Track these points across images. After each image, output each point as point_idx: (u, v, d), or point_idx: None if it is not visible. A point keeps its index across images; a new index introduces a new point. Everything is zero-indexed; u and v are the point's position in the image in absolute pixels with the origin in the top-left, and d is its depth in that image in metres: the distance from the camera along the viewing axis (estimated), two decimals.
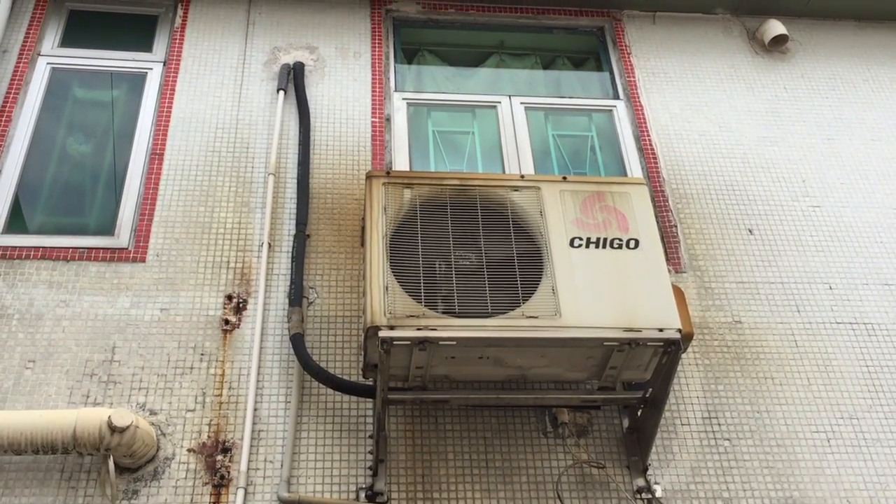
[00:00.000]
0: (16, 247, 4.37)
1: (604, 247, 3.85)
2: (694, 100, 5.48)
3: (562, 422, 4.06)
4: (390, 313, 3.55)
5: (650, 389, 3.83)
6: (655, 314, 3.65)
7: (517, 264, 3.73)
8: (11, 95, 4.96)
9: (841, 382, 4.36)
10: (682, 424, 4.16)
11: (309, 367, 3.98)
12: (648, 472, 3.98)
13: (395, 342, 3.48)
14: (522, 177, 4.05)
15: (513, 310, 3.61)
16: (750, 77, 5.65)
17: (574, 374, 3.86)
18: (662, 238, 4.78)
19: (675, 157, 5.17)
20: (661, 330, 3.60)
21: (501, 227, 3.85)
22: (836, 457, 4.12)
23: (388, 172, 3.97)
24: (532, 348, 3.62)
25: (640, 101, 5.42)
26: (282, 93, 5.09)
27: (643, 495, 3.92)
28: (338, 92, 5.22)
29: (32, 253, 4.35)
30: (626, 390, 4.00)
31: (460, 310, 3.59)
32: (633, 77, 5.55)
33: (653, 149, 5.18)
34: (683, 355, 4.35)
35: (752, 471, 4.04)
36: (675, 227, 4.85)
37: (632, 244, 3.87)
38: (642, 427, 3.97)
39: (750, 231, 4.89)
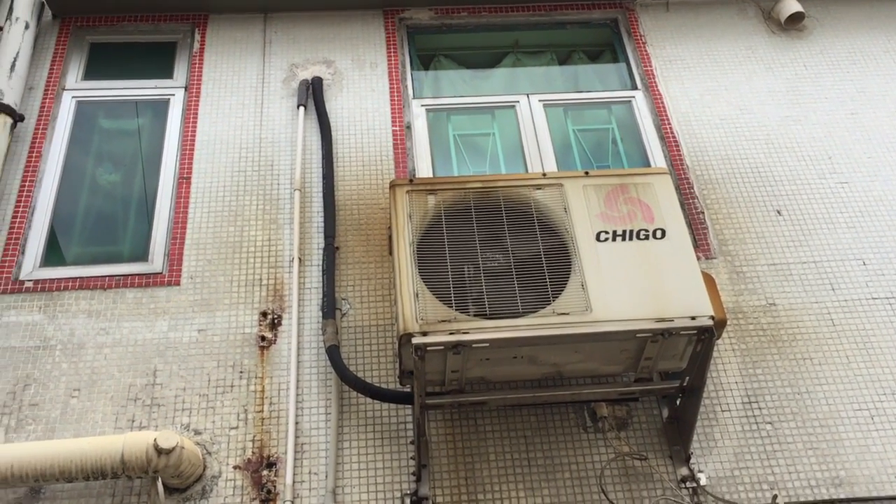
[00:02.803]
0: (54, 279, 4.43)
1: (630, 239, 3.81)
2: (713, 84, 5.42)
3: (601, 416, 4.03)
4: (422, 319, 3.54)
5: (687, 378, 3.80)
6: (687, 303, 3.61)
7: (545, 262, 3.71)
8: (40, 131, 5.03)
9: (881, 358, 4.28)
10: (723, 411, 4.10)
11: (346, 377, 3.99)
12: (691, 461, 3.94)
13: (428, 348, 3.48)
14: (544, 175, 4.02)
15: (543, 308, 3.59)
16: (768, 57, 5.58)
17: (610, 368, 3.83)
18: (690, 225, 4.74)
19: (697, 143, 5.11)
20: (693, 318, 3.56)
21: (527, 227, 3.83)
22: (880, 434, 4.04)
23: (411, 180, 3.97)
24: (565, 345, 3.60)
25: (658, 90, 5.37)
26: (302, 109, 5.11)
27: (687, 484, 3.88)
28: (357, 103, 5.23)
29: (70, 284, 4.40)
30: (663, 380, 3.95)
31: (491, 311, 3.57)
32: (650, 66, 5.50)
33: (674, 136, 5.13)
34: (719, 341, 4.30)
35: (797, 453, 3.98)
36: (703, 213, 4.79)
37: (658, 234, 3.83)
38: (682, 416, 3.93)
39: (778, 212, 4.82)
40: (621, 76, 5.61)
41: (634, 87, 5.45)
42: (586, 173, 4.04)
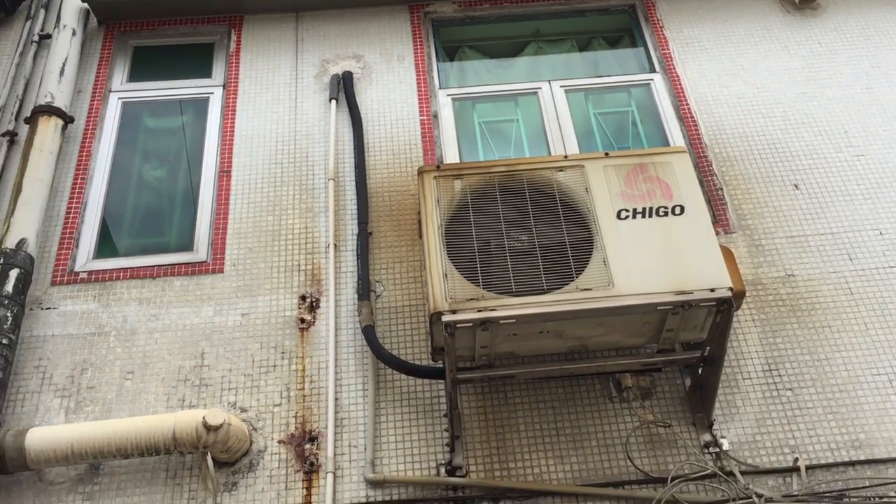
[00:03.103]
0: (106, 269, 4.61)
1: (650, 216, 3.89)
2: (729, 64, 5.46)
3: (625, 386, 4.13)
4: (451, 298, 3.66)
5: (707, 348, 3.87)
6: (706, 275, 3.69)
7: (568, 241, 3.81)
8: (89, 132, 5.21)
9: None
10: (744, 379, 4.18)
11: (381, 355, 4.12)
12: (714, 427, 4.02)
13: (458, 325, 3.59)
14: (566, 157, 4.11)
15: (567, 284, 3.69)
16: (783, 36, 5.60)
17: (633, 340, 3.92)
18: (709, 201, 4.80)
19: (715, 122, 5.17)
20: (712, 290, 3.63)
21: (550, 207, 3.93)
22: None
23: (438, 166, 4.08)
24: (589, 319, 3.69)
25: (676, 72, 5.42)
26: (333, 102, 5.24)
27: (710, 449, 3.96)
28: (385, 95, 5.35)
29: (121, 274, 4.58)
30: (686, 351, 4.03)
31: (517, 289, 3.68)
32: (668, 49, 5.55)
33: (693, 116, 5.19)
34: (739, 312, 4.37)
35: (817, 417, 4.04)
36: (721, 189, 4.85)
37: (677, 210, 3.91)
38: (704, 384, 4.01)
39: (796, 186, 4.86)
40: (640, 60, 5.67)
41: (653, 70, 5.51)
42: (606, 154, 4.11)
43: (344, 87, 5.33)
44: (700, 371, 4.01)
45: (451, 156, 5.04)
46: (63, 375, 4.24)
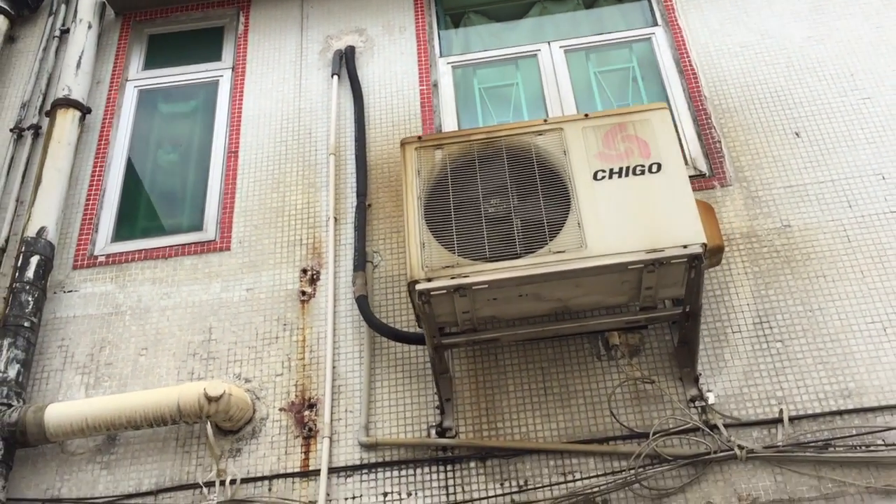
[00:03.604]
0: (122, 252, 4.85)
1: (626, 175, 3.88)
2: (734, 12, 5.33)
3: (613, 344, 4.16)
4: (427, 267, 3.74)
5: (688, 304, 3.87)
6: (679, 232, 3.67)
7: (543, 204, 3.84)
8: (107, 120, 5.45)
9: None
10: (734, 332, 4.16)
11: (372, 323, 4.26)
12: (701, 381, 4.03)
13: (432, 293, 3.68)
14: (545, 121, 4.11)
15: (541, 248, 3.73)
16: None
17: (614, 299, 3.94)
18: (707, 155, 4.74)
19: (716, 73, 5.07)
20: (685, 247, 3.63)
21: (528, 172, 3.95)
22: (892, 345, 4.01)
23: (419, 137, 4.13)
24: (563, 281, 3.73)
25: (678, 24, 5.33)
26: (335, 77, 5.34)
27: (696, 403, 3.98)
28: (387, 67, 5.42)
29: (136, 256, 4.82)
30: (670, 307, 4.04)
31: (491, 254, 3.73)
32: (671, 1, 5.44)
33: (693, 68, 5.10)
34: (732, 266, 4.34)
35: (806, 367, 4.01)
36: (719, 142, 4.78)
37: (654, 168, 3.89)
38: (688, 340, 4.01)
39: (797, 134, 4.76)
40: (644, 14, 5.58)
41: (655, 24, 5.42)
42: (586, 115, 4.10)
43: (346, 62, 5.41)
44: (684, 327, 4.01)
45: (449, 124, 5.10)
46: (83, 354, 4.51)
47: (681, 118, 4.92)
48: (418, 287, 3.67)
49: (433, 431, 4.06)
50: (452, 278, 3.69)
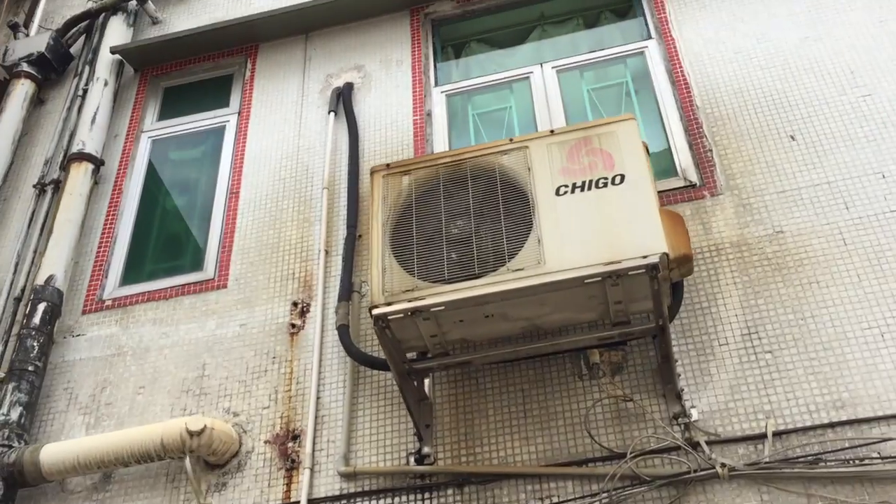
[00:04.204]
0: (128, 295, 4.99)
1: (589, 188, 3.78)
2: (729, 19, 5.16)
3: (594, 363, 4.01)
4: (387, 291, 3.71)
5: (660, 318, 3.71)
6: (640, 243, 3.54)
7: (504, 224, 3.76)
8: (121, 171, 5.65)
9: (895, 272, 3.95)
10: (721, 344, 3.96)
11: (350, 351, 4.24)
12: (684, 397, 3.84)
13: (389, 317, 3.64)
14: (511, 140, 4.05)
15: (501, 267, 3.66)
16: None
17: (585, 316, 3.82)
18: (698, 165, 4.58)
19: (709, 82, 4.90)
20: (645, 257, 3.49)
21: (492, 193, 3.89)
22: (890, 350, 3.74)
23: (388, 165, 4.13)
24: (526, 298, 3.63)
25: (671, 35, 5.19)
26: (332, 114, 5.40)
27: (679, 420, 3.79)
28: (383, 101, 5.45)
29: (140, 298, 4.95)
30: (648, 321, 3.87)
31: (450, 276, 3.67)
32: (664, 13, 5.31)
33: (685, 78, 4.95)
34: (720, 275, 4.15)
35: (796, 379, 3.77)
36: (710, 151, 4.60)
37: (617, 180, 3.77)
38: (663, 355, 3.84)
39: (792, 137, 4.54)
40: (640, 28, 5.46)
41: (648, 38, 5.29)
42: (552, 132, 4.03)
43: (342, 98, 5.47)
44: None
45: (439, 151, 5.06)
46: (86, 395, 4.64)
47: (672, 129, 4.77)
48: (374, 312, 3.63)
49: (412, 459, 3.99)
50: (410, 301, 3.64)
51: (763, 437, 3.64)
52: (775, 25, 5.02)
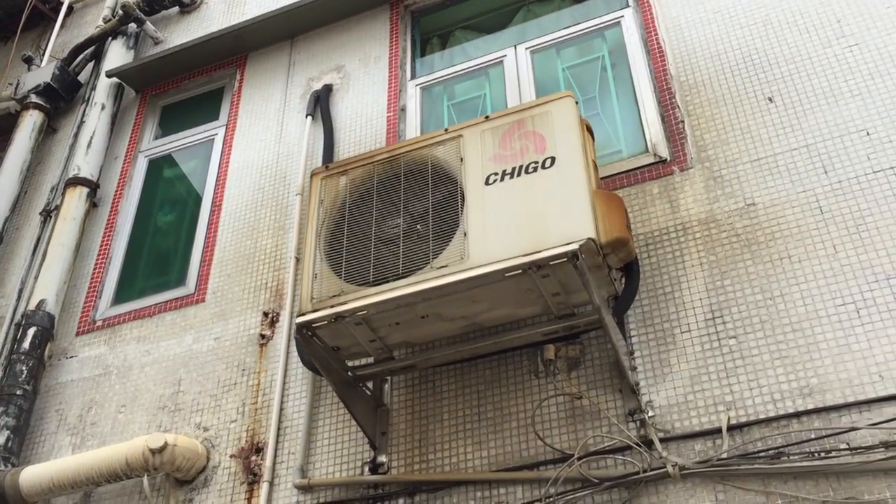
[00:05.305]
0: (117, 315, 5.01)
1: (518, 175, 3.53)
2: None
3: (548, 359, 3.75)
4: (315, 298, 3.56)
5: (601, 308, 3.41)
6: (567, 229, 3.28)
7: (432, 220, 3.55)
8: (118, 192, 5.70)
9: (876, 241, 3.50)
10: (682, 332, 3.62)
11: (304, 359, 4.11)
12: (641, 391, 3.52)
13: (314, 324, 3.49)
14: (446, 130, 3.83)
15: (427, 265, 3.45)
16: None
17: (527, 311, 3.56)
18: (669, 138, 4.22)
19: (685, 47, 4.52)
20: (568, 244, 3.22)
21: (424, 187, 3.69)
22: (865, 328, 3.32)
23: (326, 166, 3.98)
24: (454, 296, 3.41)
25: (648, 1, 4.81)
26: (309, 118, 5.28)
27: (635, 417, 3.48)
28: (359, 99, 5.29)
29: (127, 317, 4.96)
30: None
31: (375, 278, 3.50)
32: None
33: (660, 46, 4.58)
34: (685, 257, 3.80)
35: (761, 366, 3.40)
36: (682, 122, 4.23)
37: (548, 163, 3.51)
38: (611, 346, 3.53)
39: (770, 99, 4.12)
40: None
41: (625, 6, 4.93)
42: (486, 118, 3.79)
43: (318, 101, 5.34)
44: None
45: None
46: (75, 416, 4.67)
47: (644, 103, 4.42)
48: (298, 320, 3.49)
49: (366, 468, 3.82)
50: (333, 307, 3.47)
51: (719, 431, 3.29)
52: None
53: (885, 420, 3.07)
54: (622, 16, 4.88)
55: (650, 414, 3.44)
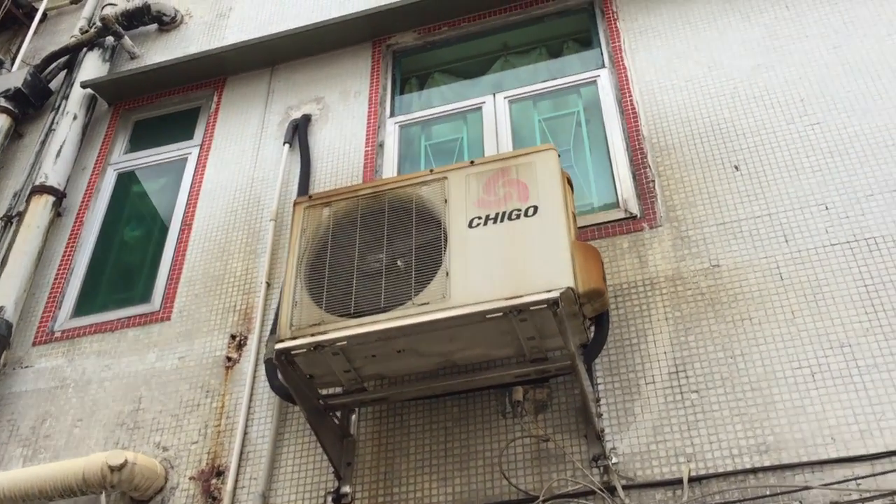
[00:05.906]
0: (77, 327, 4.92)
1: (501, 221, 3.62)
2: (682, 47, 4.95)
3: (516, 400, 3.82)
4: (294, 326, 3.58)
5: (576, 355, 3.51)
6: (546, 277, 3.38)
7: (414, 257, 3.61)
8: (84, 203, 5.61)
9: (832, 309, 3.69)
10: (647, 383, 3.73)
11: (272, 385, 4.10)
12: (606, 438, 3.62)
13: (292, 352, 3.50)
14: (431, 171, 3.91)
15: (408, 301, 3.50)
16: (746, 5, 5.00)
17: (501, 352, 3.64)
18: (640, 196, 4.38)
19: (657, 111, 4.70)
20: (549, 291, 3.31)
21: (407, 224, 3.75)
22: (820, 392, 3.48)
23: (310, 196, 4.01)
24: (433, 333, 3.47)
25: (624, 64, 5.00)
26: (286, 146, 5.31)
27: (599, 462, 3.57)
28: (338, 132, 5.34)
29: (88, 330, 4.87)
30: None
31: (356, 310, 3.54)
32: (618, 41, 5.13)
33: (634, 108, 4.75)
34: (652, 311, 3.93)
35: (721, 421, 3.53)
36: (653, 182, 4.40)
37: (530, 212, 3.61)
38: (580, 393, 3.63)
39: (736, 167, 4.31)
40: (595, 57, 5.29)
41: (601, 66, 5.11)
42: (472, 163, 3.88)
43: (297, 130, 5.37)
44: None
45: None
46: (28, 427, 4.55)
47: (616, 159, 4.58)
48: (277, 347, 3.50)
49: (329, 498, 3.82)
50: (314, 336, 3.49)
51: (680, 482, 3.40)
52: (728, 53, 4.81)
53: (836, 481, 3.21)
54: (598, 75, 5.05)
55: (614, 461, 3.54)
